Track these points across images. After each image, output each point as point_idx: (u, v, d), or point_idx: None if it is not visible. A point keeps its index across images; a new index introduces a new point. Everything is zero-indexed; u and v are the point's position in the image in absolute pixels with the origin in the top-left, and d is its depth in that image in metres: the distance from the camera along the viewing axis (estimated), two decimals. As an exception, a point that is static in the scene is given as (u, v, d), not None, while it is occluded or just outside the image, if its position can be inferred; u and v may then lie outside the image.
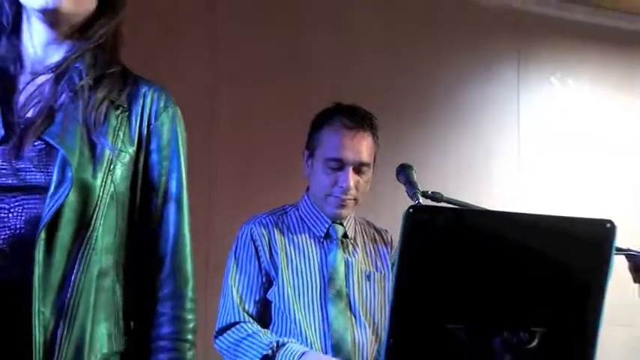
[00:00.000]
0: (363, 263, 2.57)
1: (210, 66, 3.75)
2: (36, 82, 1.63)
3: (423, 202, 2.35)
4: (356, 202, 2.53)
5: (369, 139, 2.54)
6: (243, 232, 2.59)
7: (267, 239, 2.55)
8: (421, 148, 3.11)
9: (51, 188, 1.54)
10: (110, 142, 1.63)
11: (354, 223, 2.61)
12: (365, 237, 2.64)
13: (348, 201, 2.50)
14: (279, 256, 2.52)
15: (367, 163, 2.51)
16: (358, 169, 2.49)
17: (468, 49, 4.12)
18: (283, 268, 2.50)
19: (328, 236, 2.56)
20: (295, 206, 2.64)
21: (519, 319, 1.74)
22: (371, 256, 2.62)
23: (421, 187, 2.40)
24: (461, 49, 4.10)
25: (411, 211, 1.78)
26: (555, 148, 4.21)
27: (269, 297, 2.51)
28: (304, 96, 3.66)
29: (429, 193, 2.42)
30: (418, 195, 2.38)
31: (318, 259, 2.54)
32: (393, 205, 2.67)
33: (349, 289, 2.48)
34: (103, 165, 1.61)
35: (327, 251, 2.55)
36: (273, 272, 2.51)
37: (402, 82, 2.99)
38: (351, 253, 2.54)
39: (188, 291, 1.72)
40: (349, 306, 2.47)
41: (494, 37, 4.18)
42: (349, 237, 2.56)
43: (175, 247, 1.73)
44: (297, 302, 2.48)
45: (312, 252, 2.54)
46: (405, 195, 2.42)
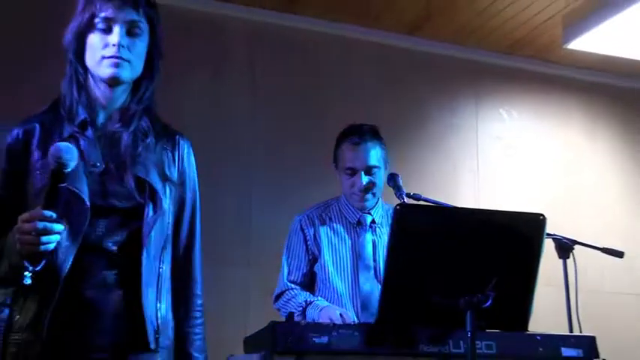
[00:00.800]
0: None
1: (250, 106, 3.72)
2: (114, 133, 1.62)
3: (407, 201, 2.38)
4: (374, 195, 2.52)
5: (374, 147, 2.52)
6: (294, 223, 2.61)
7: (312, 227, 2.56)
8: (401, 164, 3.07)
9: (149, 212, 1.57)
10: (169, 173, 1.65)
11: (381, 211, 2.59)
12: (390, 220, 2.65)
13: (366, 196, 2.50)
14: (322, 240, 2.53)
15: (375, 166, 2.50)
16: (369, 171, 2.49)
17: (438, 89, 4.09)
18: (325, 248, 2.52)
19: (360, 223, 2.55)
20: (337, 200, 2.63)
21: (477, 285, 1.74)
22: None
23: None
24: (433, 90, 4.07)
25: (398, 207, 1.84)
26: (506, 164, 4.17)
27: (315, 270, 2.54)
28: (319, 128, 3.63)
29: (411, 194, 2.44)
30: (403, 196, 2.40)
31: (351, 241, 2.53)
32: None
33: (376, 263, 2.49)
34: (167, 194, 1.63)
35: (359, 235, 2.54)
36: (317, 252, 2.53)
37: (388, 113, 2.95)
38: (378, 235, 2.53)
39: (199, 289, 1.72)
40: (375, 275, 2.47)
41: (458, 80, 4.16)
42: (377, 223, 2.56)
43: (194, 258, 1.73)
44: (335, 273, 2.50)
45: (347, 235, 2.54)
46: (393, 196, 2.42)
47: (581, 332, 2.22)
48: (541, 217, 1.82)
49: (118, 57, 1.56)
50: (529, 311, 1.86)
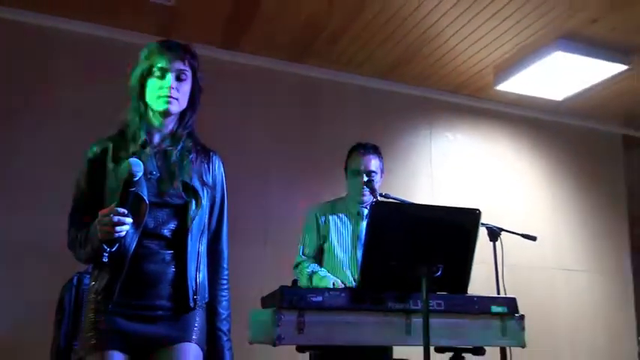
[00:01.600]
0: None
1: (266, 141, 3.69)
2: (166, 150, 1.65)
3: (380, 199, 2.41)
4: (370, 193, 2.45)
5: (374, 158, 2.53)
6: (310, 213, 2.57)
7: (324, 216, 2.53)
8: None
9: (192, 207, 1.60)
10: (206, 180, 1.68)
11: None
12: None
13: (364, 192, 2.47)
14: (330, 225, 2.51)
15: (373, 171, 2.49)
16: (369, 174, 2.48)
17: (399, 119, 4.07)
18: (332, 231, 2.50)
19: (359, 214, 2.52)
20: (343, 198, 2.60)
21: (431, 259, 1.77)
22: None
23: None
24: (399, 119, 4.06)
25: (374, 203, 1.85)
26: (453, 172, 4.18)
27: (324, 247, 2.51)
28: (316, 147, 3.62)
29: (383, 194, 2.45)
30: (377, 195, 2.41)
31: (352, 227, 2.51)
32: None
33: None
34: (205, 194, 1.66)
35: (358, 222, 2.50)
36: (326, 233, 2.51)
37: (365, 136, 2.81)
38: None
39: (226, 263, 1.74)
40: None
41: (413, 112, 4.14)
42: None
43: (222, 241, 1.74)
44: (339, 248, 2.47)
45: (349, 222, 2.51)
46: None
47: (505, 295, 2.24)
48: (477, 212, 1.85)
49: (170, 96, 1.60)
50: (468, 279, 1.88)
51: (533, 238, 2.57)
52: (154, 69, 1.61)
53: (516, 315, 1.99)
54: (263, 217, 3.47)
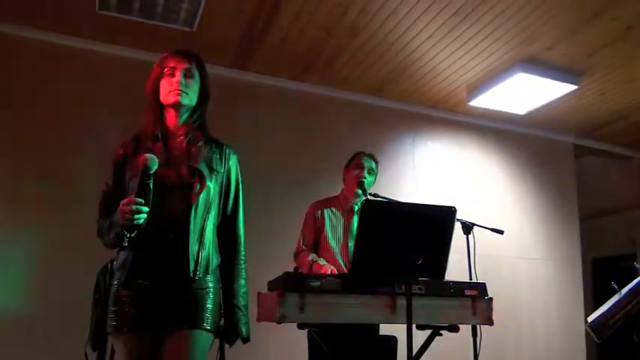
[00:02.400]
0: None
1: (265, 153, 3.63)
2: (177, 141, 1.60)
3: (370, 198, 2.36)
4: (363, 192, 2.40)
5: (373, 162, 2.52)
6: (309, 207, 2.54)
7: (320, 210, 2.49)
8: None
9: (197, 187, 1.53)
10: (215, 167, 1.61)
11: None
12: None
13: (357, 191, 2.43)
14: (326, 219, 2.47)
15: (370, 172, 2.49)
16: (369, 172, 2.48)
17: (387, 130, 4.05)
18: (327, 224, 2.46)
19: (351, 210, 2.49)
20: (338, 195, 2.56)
21: (414, 248, 1.76)
22: None
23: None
24: (383, 130, 4.04)
25: (364, 201, 1.83)
26: (433, 176, 4.16)
27: (320, 238, 2.47)
28: (315, 157, 3.60)
29: (372, 193, 2.42)
30: (367, 194, 2.39)
31: (344, 220, 2.47)
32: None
33: None
34: (213, 177, 1.58)
35: (350, 217, 2.47)
36: (321, 226, 2.46)
37: (360, 145, 2.85)
38: None
39: (242, 246, 1.67)
40: None
41: (399, 124, 4.11)
42: None
43: (238, 225, 1.67)
44: (333, 238, 2.44)
45: (342, 217, 2.48)
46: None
47: (477, 280, 2.22)
48: (453, 209, 1.83)
49: (179, 89, 1.56)
50: (445, 267, 1.85)
51: (500, 232, 2.55)
52: (165, 69, 1.58)
53: (486, 298, 1.99)
54: (268, 215, 3.44)
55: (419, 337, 1.88)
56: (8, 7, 2.97)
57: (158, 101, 1.60)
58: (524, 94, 3.76)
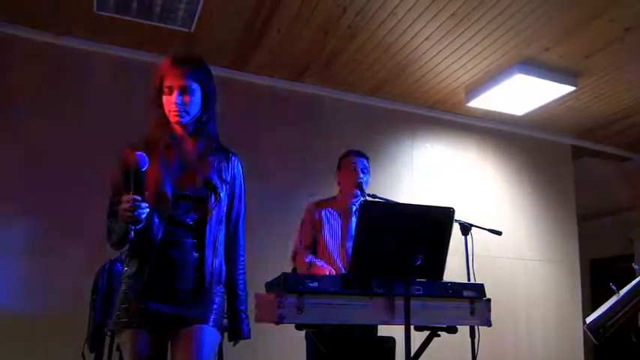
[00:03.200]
0: None
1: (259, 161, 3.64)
2: (188, 150, 1.62)
3: (368, 199, 2.36)
4: (361, 192, 2.41)
5: (364, 160, 2.51)
6: (307, 208, 2.54)
7: (317, 212, 2.49)
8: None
9: (212, 199, 1.58)
10: (225, 177, 1.64)
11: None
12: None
13: (355, 191, 2.45)
14: (323, 219, 2.46)
15: (364, 170, 2.48)
16: (362, 172, 2.48)
17: (386, 130, 4.05)
18: (325, 224, 2.46)
19: (350, 211, 2.48)
20: (335, 196, 2.56)
21: (412, 249, 1.76)
22: None
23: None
24: (381, 130, 4.03)
25: (363, 202, 1.83)
26: (431, 176, 4.16)
27: (317, 239, 2.46)
28: (316, 157, 3.59)
29: (370, 194, 2.41)
30: (365, 195, 2.39)
31: (342, 221, 2.46)
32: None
33: None
34: (223, 190, 1.62)
35: (347, 217, 2.47)
36: (319, 227, 2.46)
37: (362, 145, 2.75)
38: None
39: (242, 250, 1.71)
40: None
41: (398, 125, 4.11)
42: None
43: (240, 232, 1.71)
44: (330, 239, 2.43)
45: (340, 217, 2.47)
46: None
47: (475, 281, 2.22)
48: (451, 210, 1.83)
49: (177, 111, 1.57)
50: (443, 268, 1.86)
51: (498, 233, 2.55)
52: (164, 87, 1.58)
53: (484, 299, 1.98)
54: (266, 215, 3.44)
55: (417, 338, 1.88)
56: (5, 7, 2.97)
57: (162, 109, 1.61)
58: (522, 95, 3.76)
